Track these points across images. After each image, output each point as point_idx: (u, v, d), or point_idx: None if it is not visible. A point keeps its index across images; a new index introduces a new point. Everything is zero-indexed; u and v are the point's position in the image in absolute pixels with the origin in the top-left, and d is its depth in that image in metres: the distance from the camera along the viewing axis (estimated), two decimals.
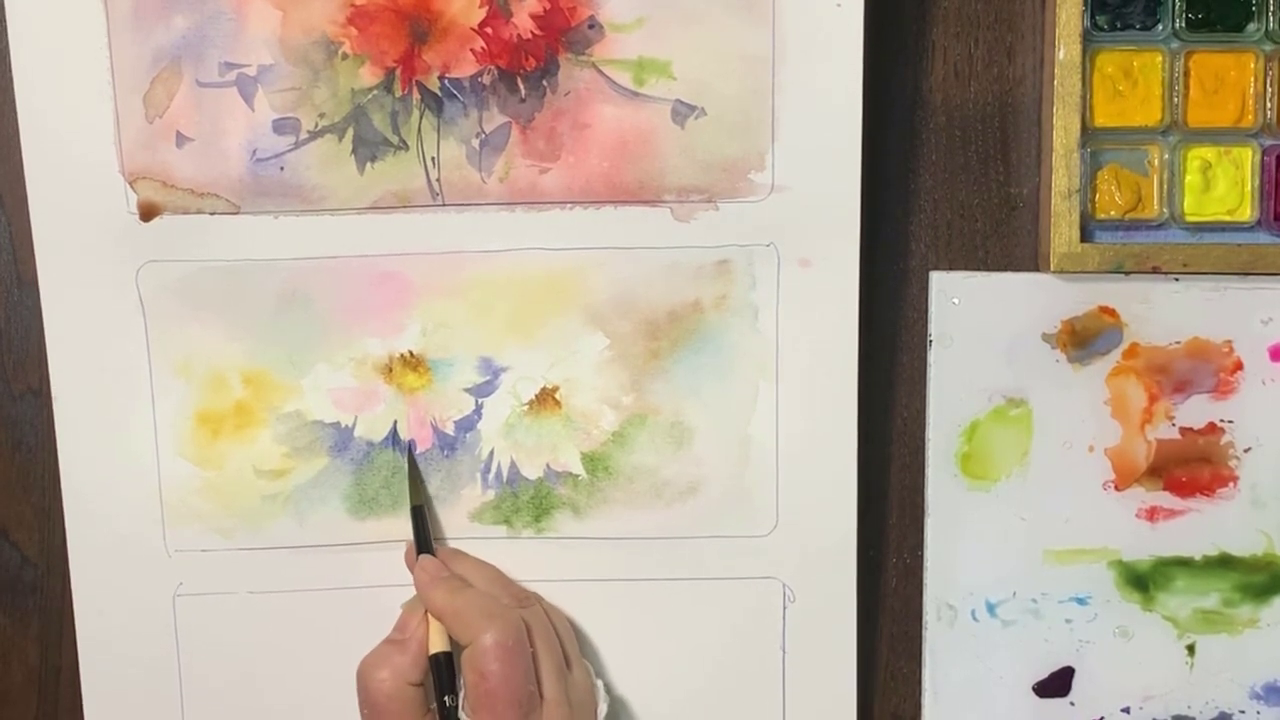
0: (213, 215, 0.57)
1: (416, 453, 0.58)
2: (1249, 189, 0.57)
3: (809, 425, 0.57)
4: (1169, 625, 0.59)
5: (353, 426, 0.58)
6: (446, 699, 0.53)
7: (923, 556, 0.59)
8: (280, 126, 0.56)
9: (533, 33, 0.56)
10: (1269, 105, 0.56)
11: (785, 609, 0.58)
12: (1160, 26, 0.56)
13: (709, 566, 0.58)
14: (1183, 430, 0.58)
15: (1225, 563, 0.59)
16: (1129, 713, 0.59)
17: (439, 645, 0.54)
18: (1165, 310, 0.58)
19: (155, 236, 0.57)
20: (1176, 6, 0.56)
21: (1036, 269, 0.58)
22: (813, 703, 0.59)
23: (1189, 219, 0.57)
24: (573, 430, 0.58)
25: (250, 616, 0.59)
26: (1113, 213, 0.57)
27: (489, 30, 0.56)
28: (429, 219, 0.57)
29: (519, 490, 0.58)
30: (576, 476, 0.58)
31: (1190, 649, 0.59)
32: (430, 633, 0.54)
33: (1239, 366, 0.58)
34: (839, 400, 0.57)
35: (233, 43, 0.56)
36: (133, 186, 0.56)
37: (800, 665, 0.59)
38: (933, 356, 0.58)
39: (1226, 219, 0.57)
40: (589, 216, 0.57)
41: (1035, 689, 0.59)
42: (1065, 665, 0.59)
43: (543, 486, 0.58)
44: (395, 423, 0.58)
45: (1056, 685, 0.59)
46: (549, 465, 0.58)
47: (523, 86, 0.56)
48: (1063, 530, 0.59)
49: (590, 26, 0.56)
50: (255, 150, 0.56)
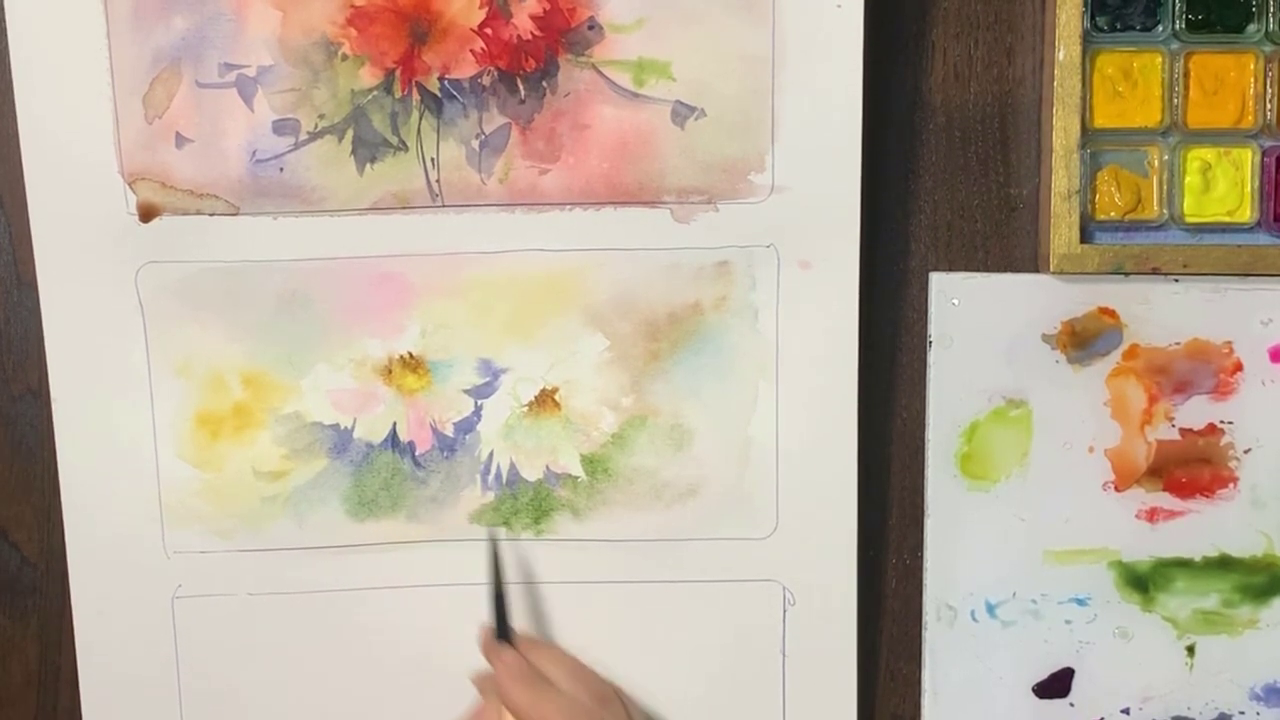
0: (212, 216, 0.57)
1: (416, 454, 0.58)
2: (1249, 190, 0.57)
3: (809, 426, 0.57)
4: (1169, 626, 0.59)
5: (352, 428, 0.58)
6: None
7: (923, 557, 0.59)
8: (280, 127, 0.56)
9: (532, 33, 0.56)
10: (1269, 106, 0.56)
11: (785, 611, 0.58)
12: (1160, 27, 0.56)
13: (709, 569, 0.58)
14: (1182, 431, 0.58)
15: (1225, 563, 0.59)
16: (1129, 713, 0.59)
17: None
18: (1165, 311, 0.58)
19: (155, 237, 0.57)
20: (1176, 7, 0.56)
21: (1036, 270, 0.58)
22: (813, 704, 0.59)
23: (1189, 220, 0.57)
24: (572, 432, 0.58)
25: (249, 618, 0.59)
26: (1112, 214, 0.57)
27: (489, 31, 0.56)
28: (428, 220, 0.57)
29: (518, 492, 0.58)
30: (576, 478, 0.58)
31: (1190, 650, 0.59)
32: None
33: (1239, 367, 0.58)
34: (839, 401, 0.57)
35: (232, 43, 0.55)
36: (132, 187, 0.56)
37: (800, 667, 0.59)
38: (933, 357, 0.58)
39: (1226, 220, 0.57)
40: (589, 217, 0.57)
41: (1035, 690, 0.59)
42: (1065, 666, 0.59)
43: (542, 488, 0.58)
44: (395, 424, 0.58)
45: (1056, 686, 0.59)
46: (548, 467, 0.58)
47: (522, 87, 0.56)
48: (1062, 531, 0.59)
49: (590, 27, 0.56)
50: (255, 151, 0.56)
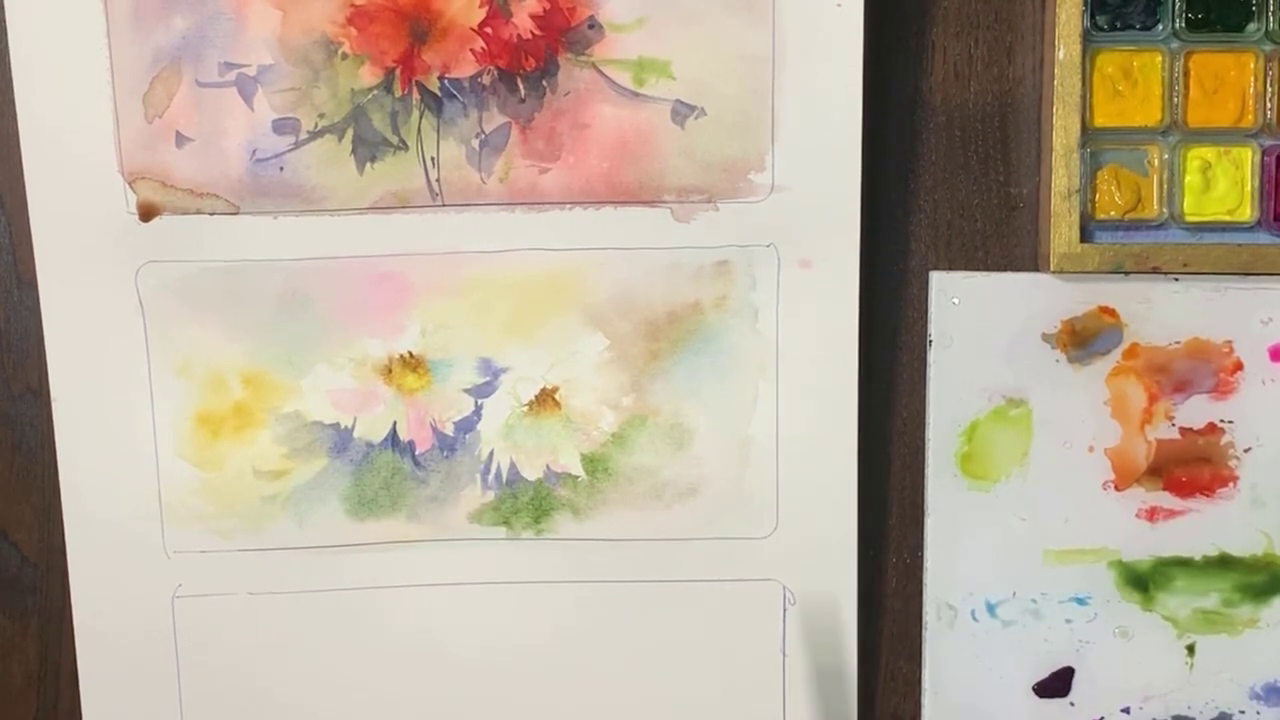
0: (212, 215, 0.57)
1: (416, 453, 0.58)
2: (1249, 189, 0.57)
3: (809, 426, 0.57)
4: (1169, 625, 0.59)
5: (352, 427, 0.58)
6: None
7: (923, 557, 0.59)
8: (280, 126, 0.56)
9: (532, 33, 0.56)
10: (1269, 105, 0.56)
11: (785, 611, 0.58)
12: (1160, 26, 0.56)
13: (709, 568, 0.58)
14: (1183, 430, 0.58)
15: (1225, 563, 0.59)
16: (1129, 713, 0.59)
17: None
18: (1165, 310, 0.58)
19: (155, 237, 0.57)
20: (1176, 6, 0.56)
21: (1036, 269, 0.58)
22: (813, 704, 0.59)
23: (1189, 219, 0.57)
24: (572, 431, 0.58)
25: (249, 617, 0.59)
26: (1113, 213, 0.57)
27: (489, 30, 0.56)
28: (429, 219, 0.57)
29: (518, 491, 0.58)
30: (576, 478, 0.58)
31: (1190, 649, 0.59)
32: None
33: (1239, 367, 0.58)
34: (839, 400, 0.57)
35: (232, 43, 0.55)
36: (132, 186, 0.56)
37: (800, 667, 0.59)
38: (933, 356, 0.58)
39: (1226, 219, 0.57)
40: (589, 217, 0.57)
41: (1035, 689, 0.59)
42: (1065, 665, 0.59)
43: (542, 488, 0.58)
44: (395, 424, 0.58)
45: (1056, 685, 0.59)
46: (549, 466, 0.58)
47: (522, 87, 0.56)
48: (1062, 530, 0.59)
49: (590, 26, 0.56)
50: (255, 150, 0.56)
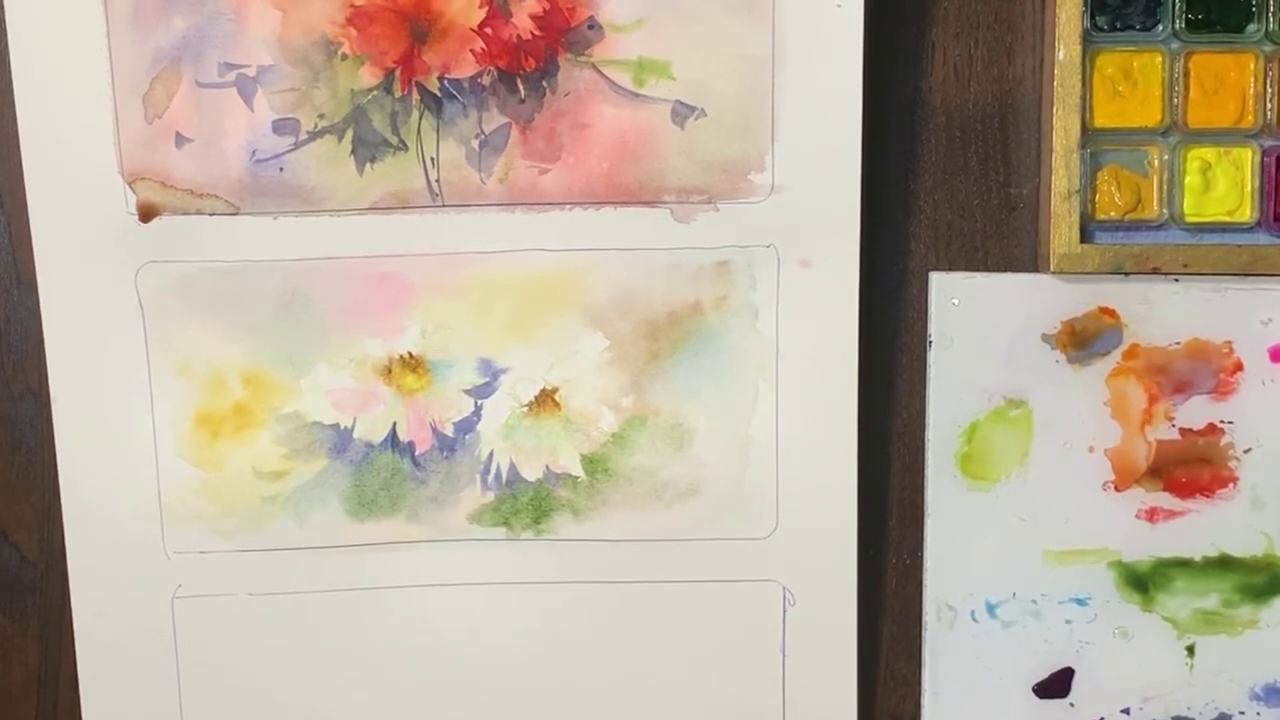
0: (212, 216, 0.57)
1: (416, 454, 0.58)
2: (1249, 189, 0.57)
3: (809, 426, 0.57)
4: (1169, 626, 0.59)
5: (352, 428, 0.58)
6: None
7: (922, 557, 0.59)
8: (280, 127, 0.56)
9: (532, 33, 0.56)
10: (1269, 106, 0.56)
11: (785, 611, 0.58)
12: (1160, 27, 0.56)
13: (709, 569, 0.58)
14: (1182, 431, 0.58)
15: (1225, 563, 0.59)
16: (1129, 713, 0.59)
17: None
18: (1165, 311, 0.58)
19: (154, 237, 0.57)
20: (1176, 7, 0.56)
21: (1036, 270, 0.58)
22: (813, 704, 0.59)
23: (1189, 220, 0.57)
24: (572, 432, 0.58)
25: (249, 618, 0.59)
26: (1112, 213, 0.57)
27: (489, 31, 0.56)
28: (428, 220, 0.57)
29: (518, 492, 0.58)
30: (576, 478, 0.58)
31: (1190, 650, 0.59)
32: None
33: (1239, 367, 0.58)
34: (839, 401, 0.57)
35: (232, 43, 0.55)
36: (132, 187, 0.56)
37: (800, 667, 0.59)
38: (932, 357, 0.58)
39: (1226, 220, 0.57)
40: (589, 217, 0.57)
41: (1035, 690, 0.59)
42: (1065, 666, 0.59)
43: (542, 488, 0.58)
44: (394, 424, 0.58)
45: (1056, 686, 0.59)
46: (548, 467, 0.58)
47: (522, 87, 0.56)
48: (1062, 531, 0.59)
49: (590, 27, 0.56)
50: (255, 151, 0.56)
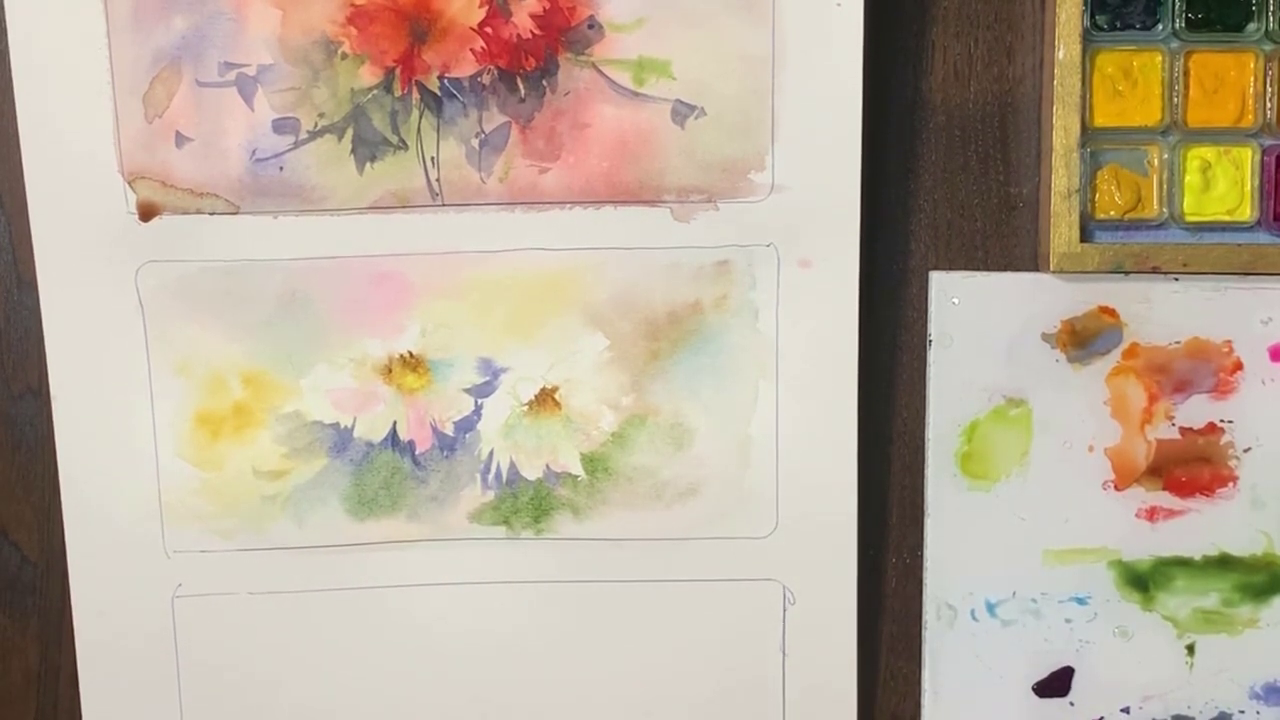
0: (212, 215, 0.57)
1: (416, 453, 0.58)
2: (1249, 189, 0.57)
3: (809, 425, 0.57)
4: (1169, 625, 0.59)
5: (352, 427, 0.58)
6: None
7: (922, 556, 0.59)
8: (280, 126, 0.56)
9: (532, 32, 0.56)
10: (1269, 105, 0.56)
11: (785, 611, 0.58)
12: (1160, 26, 0.56)
13: (709, 568, 0.58)
14: (1183, 430, 0.58)
15: (1225, 563, 0.59)
16: (1129, 713, 0.59)
17: None
18: (1165, 310, 0.58)
19: (154, 236, 0.57)
20: (1176, 6, 0.56)
21: (1036, 269, 0.58)
22: (813, 704, 0.59)
23: (1189, 219, 0.57)
24: (572, 431, 0.58)
25: (249, 618, 0.59)
26: (1112, 213, 0.57)
27: (489, 30, 0.56)
28: (429, 219, 0.57)
29: (518, 491, 0.58)
30: (576, 477, 0.58)
31: (1190, 649, 0.59)
32: None
33: (1239, 366, 0.58)
34: (839, 400, 0.57)
35: (232, 43, 0.55)
36: (132, 186, 0.56)
37: (800, 667, 0.59)
38: (932, 356, 0.58)
39: (1226, 219, 0.57)
40: (589, 216, 0.57)
41: (1035, 689, 0.59)
42: (1065, 665, 0.59)
43: (542, 487, 0.58)
44: (394, 423, 0.58)
45: (1056, 685, 0.59)
46: (548, 466, 0.58)
47: (522, 86, 0.56)
48: (1062, 530, 0.59)
49: (590, 26, 0.56)
50: (255, 150, 0.56)
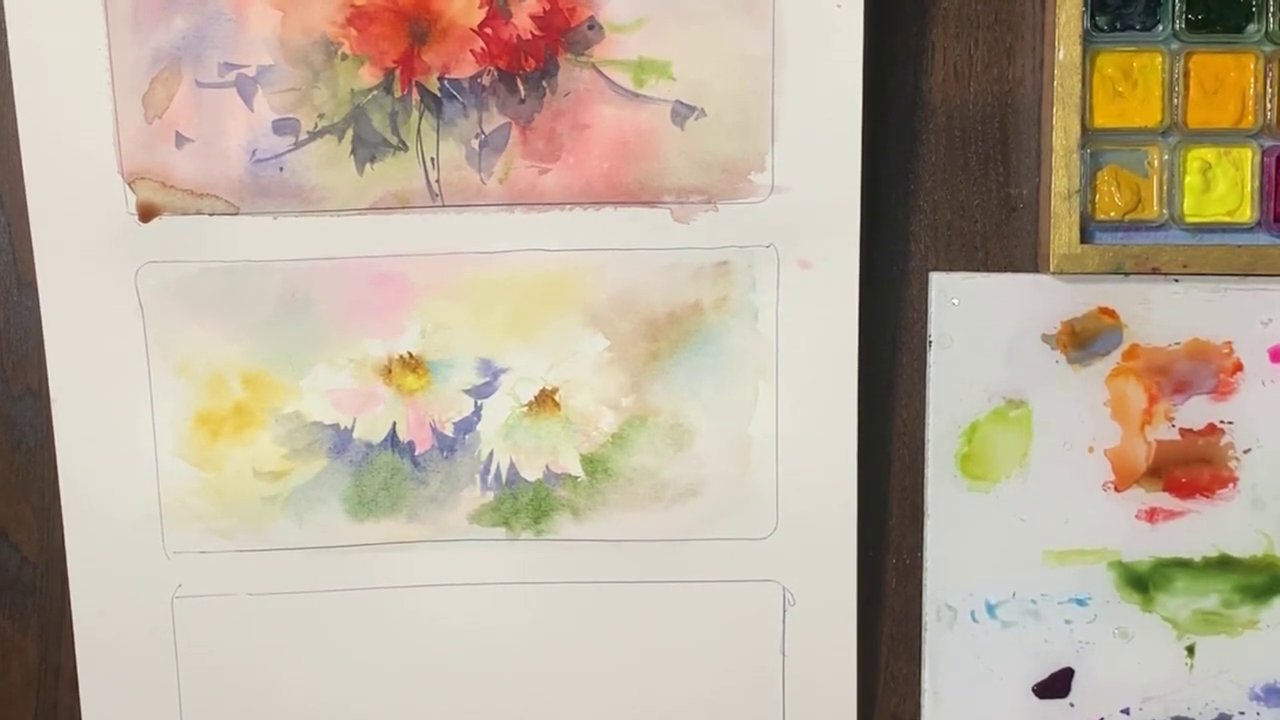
0: (212, 216, 0.57)
1: (416, 454, 0.58)
2: (1249, 190, 0.57)
3: (809, 426, 0.57)
4: (1168, 626, 0.59)
5: (352, 428, 0.58)
6: None
7: (922, 557, 0.59)
8: (280, 127, 0.56)
9: (532, 33, 0.56)
10: (1269, 106, 0.56)
11: (785, 611, 0.58)
12: (1160, 27, 0.56)
13: (709, 569, 0.58)
14: (1182, 431, 0.58)
15: (1225, 564, 0.59)
16: (1129, 714, 0.59)
17: None
18: (1165, 311, 0.58)
19: (154, 237, 0.57)
20: (1176, 7, 0.56)
21: (1036, 270, 0.58)
22: (813, 705, 0.59)
23: (1189, 220, 0.57)
24: (572, 432, 0.58)
25: (249, 618, 0.59)
26: (1112, 214, 0.57)
27: (489, 31, 0.56)
28: (428, 220, 0.57)
29: (518, 492, 0.58)
30: (576, 478, 0.58)
31: (1190, 650, 0.59)
32: None
33: (1239, 367, 0.58)
34: (839, 401, 0.57)
35: (232, 43, 0.55)
36: (132, 187, 0.56)
37: (800, 667, 0.59)
38: (932, 357, 0.58)
39: (1226, 220, 0.57)
40: (589, 217, 0.57)
41: (1035, 690, 0.59)
42: (1065, 666, 0.59)
43: (542, 488, 0.58)
44: (394, 424, 0.58)
45: (1056, 686, 0.59)
46: (548, 467, 0.58)
47: (522, 87, 0.56)
48: (1062, 531, 0.59)
49: (590, 27, 0.56)
50: (255, 151, 0.56)
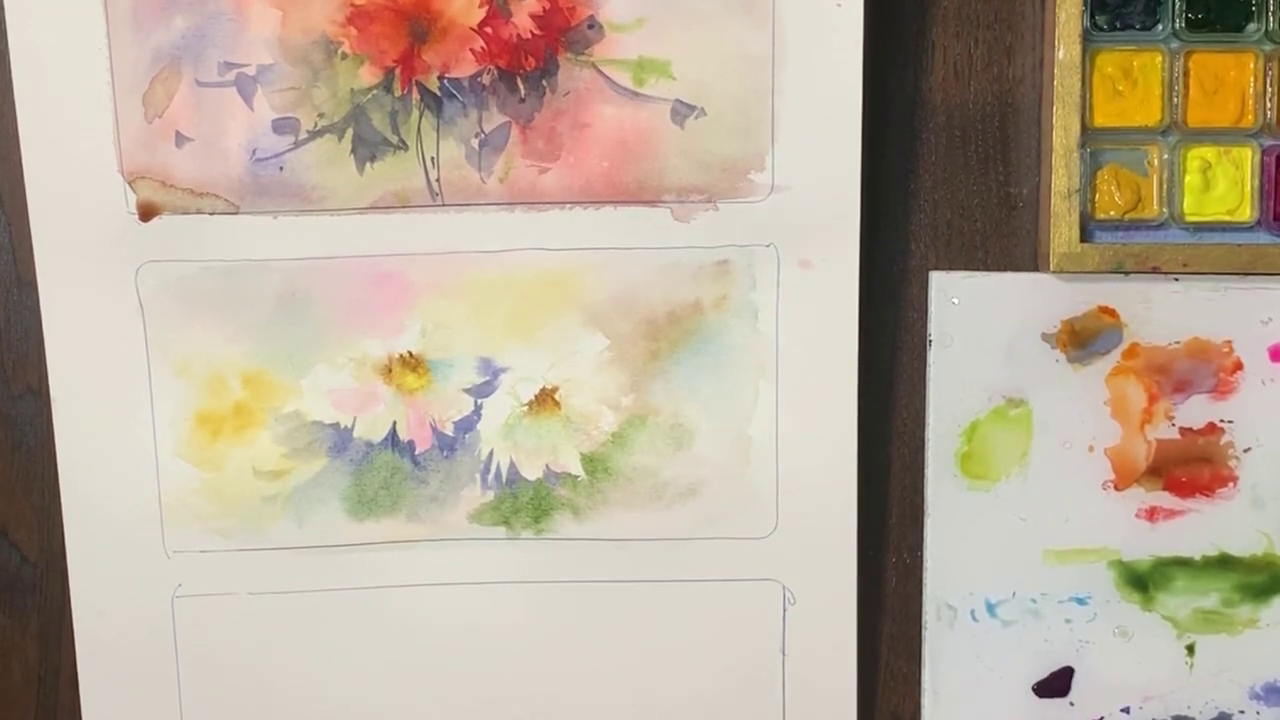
0: (212, 215, 0.57)
1: (416, 453, 0.58)
2: (1249, 189, 0.57)
3: (809, 425, 0.57)
4: (1168, 625, 0.59)
5: (352, 427, 0.58)
6: None
7: (922, 556, 0.59)
8: (280, 126, 0.56)
9: (532, 33, 0.56)
10: (1269, 105, 0.56)
11: (785, 611, 0.58)
12: (1160, 26, 0.56)
13: (709, 569, 0.58)
14: (1182, 430, 0.58)
15: (1225, 563, 0.59)
16: (1129, 713, 0.59)
17: None
18: (1165, 310, 0.58)
19: (154, 236, 0.57)
20: (1176, 6, 0.56)
21: (1036, 269, 0.58)
22: (813, 704, 0.59)
23: (1189, 219, 0.57)
24: (572, 431, 0.58)
25: (249, 617, 0.59)
26: (1112, 213, 0.57)
27: (489, 30, 0.56)
28: (428, 219, 0.57)
29: (518, 491, 0.58)
30: (576, 477, 0.58)
31: (1190, 649, 0.59)
32: None
33: (1239, 366, 0.58)
34: (839, 400, 0.57)
35: (232, 43, 0.55)
36: (132, 186, 0.56)
37: (800, 667, 0.59)
38: (932, 356, 0.58)
39: (1226, 219, 0.57)
40: (588, 217, 0.57)
41: (1035, 689, 0.59)
42: (1065, 665, 0.59)
43: (542, 487, 0.58)
44: (394, 423, 0.58)
45: (1056, 685, 0.59)
46: (548, 466, 0.58)
47: (522, 86, 0.56)
48: (1062, 530, 0.59)
49: (590, 26, 0.56)
50: (255, 150, 0.56)
